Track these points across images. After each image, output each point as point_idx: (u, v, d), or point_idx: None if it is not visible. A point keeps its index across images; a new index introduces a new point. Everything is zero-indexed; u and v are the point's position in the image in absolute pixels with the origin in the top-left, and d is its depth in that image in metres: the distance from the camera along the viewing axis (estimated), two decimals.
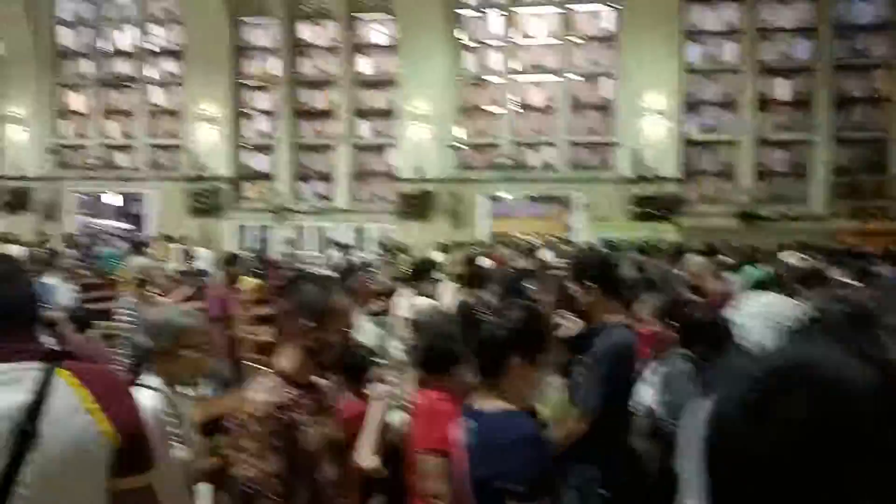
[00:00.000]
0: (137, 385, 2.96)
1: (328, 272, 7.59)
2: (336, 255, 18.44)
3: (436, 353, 3.15)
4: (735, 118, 20.09)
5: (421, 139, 20.65)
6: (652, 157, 19.60)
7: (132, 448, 1.81)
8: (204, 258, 18.80)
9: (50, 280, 7.09)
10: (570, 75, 20.74)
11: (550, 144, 20.90)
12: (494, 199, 21.46)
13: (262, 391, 2.42)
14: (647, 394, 3.88)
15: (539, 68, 21.03)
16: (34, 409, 1.70)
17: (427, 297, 5.73)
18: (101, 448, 1.76)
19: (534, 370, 2.43)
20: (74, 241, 18.67)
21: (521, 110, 21.20)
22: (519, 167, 20.91)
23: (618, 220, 19.58)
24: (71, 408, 1.74)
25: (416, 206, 20.68)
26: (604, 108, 20.76)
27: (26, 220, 22.96)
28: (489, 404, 2.38)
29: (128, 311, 6.69)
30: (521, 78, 21.17)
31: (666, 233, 18.07)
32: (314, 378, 2.60)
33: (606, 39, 20.65)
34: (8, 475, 1.67)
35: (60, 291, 6.98)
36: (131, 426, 1.82)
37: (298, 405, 2.43)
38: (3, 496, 1.66)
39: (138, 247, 16.50)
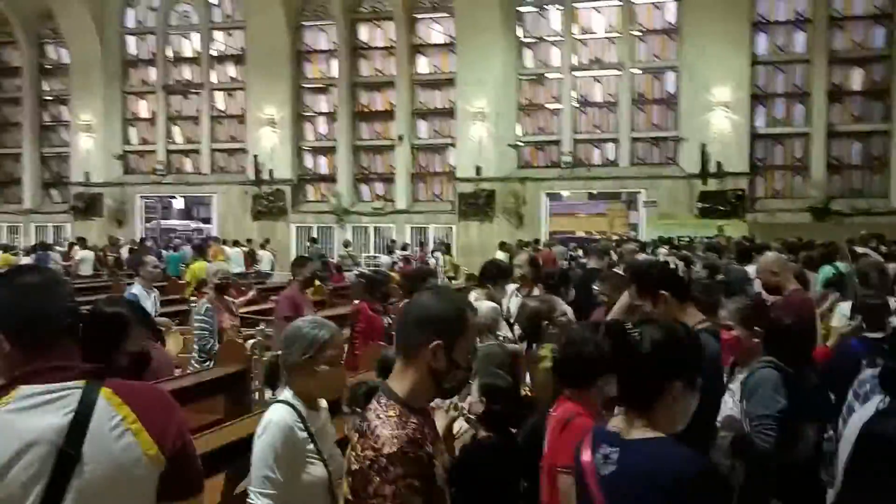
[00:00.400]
0: (272, 400, 2.86)
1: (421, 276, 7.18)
2: (393, 256, 18.43)
3: (583, 363, 2.88)
4: (805, 109, 19.41)
5: (480, 138, 20.49)
6: (718, 151, 19.07)
7: (179, 470, 1.72)
8: (266, 260, 19.06)
9: (134, 289, 7.12)
10: (633, 70, 20.32)
11: (613, 140, 20.52)
12: (555, 197, 21.19)
13: (387, 423, 1.99)
14: (728, 404, 3.65)
15: (600, 63, 20.67)
16: (75, 432, 1.64)
17: (491, 299, 5.52)
18: (145, 470, 1.68)
19: (692, 395, 2.16)
20: (146, 246, 18.96)
21: (582, 106, 20.86)
22: (580, 164, 20.59)
23: (683, 217, 19.11)
24: (113, 428, 1.66)
25: (476, 205, 20.54)
26: (667, 102, 20.30)
27: (96, 225, 23.59)
28: (636, 431, 2.11)
29: (205, 317, 6.62)
30: (581, 74, 20.84)
31: (734, 229, 17.55)
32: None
33: (669, 32, 20.18)
34: (50, 499, 1.61)
35: (146, 300, 7.02)
36: (177, 446, 1.73)
37: (424, 436, 2.04)
38: None
39: (201, 249, 16.72)
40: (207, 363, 6.66)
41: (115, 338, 2.61)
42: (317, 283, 11.51)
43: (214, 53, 23.75)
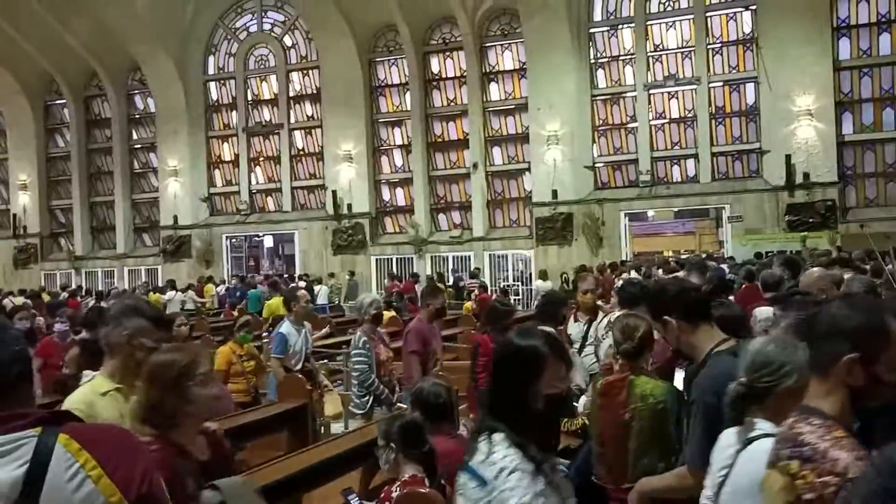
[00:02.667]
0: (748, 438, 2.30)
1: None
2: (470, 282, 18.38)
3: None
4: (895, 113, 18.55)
5: (555, 161, 20.32)
6: (804, 161, 18.38)
7: None
8: (322, 294, 19.27)
9: (283, 328, 7.24)
10: (710, 83, 19.85)
11: (693, 156, 20.03)
12: (638, 217, 20.78)
13: (838, 446, 1.74)
14: None
15: (675, 79, 20.28)
16: (30, 485, 1.55)
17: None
18: None
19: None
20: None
21: (660, 123, 20.48)
22: (659, 182, 20.17)
23: (771, 232, 18.44)
24: (71, 478, 1.57)
25: (554, 229, 20.33)
26: (748, 113, 19.73)
27: (185, 266, 24.37)
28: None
29: (363, 350, 6.36)
30: (656, 91, 20.49)
31: (825, 241, 16.82)
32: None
33: (745, 42, 19.68)
34: None
35: (296, 336, 7.14)
36: (142, 491, 1.64)
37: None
38: None
39: (275, 286, 17.05)
40: (367, 398, 6.24)
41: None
42: (390, 313, 11.50)
43: (292, 94, 24.40)
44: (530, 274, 19.95)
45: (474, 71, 21.85)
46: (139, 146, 26.48)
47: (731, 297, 6.70)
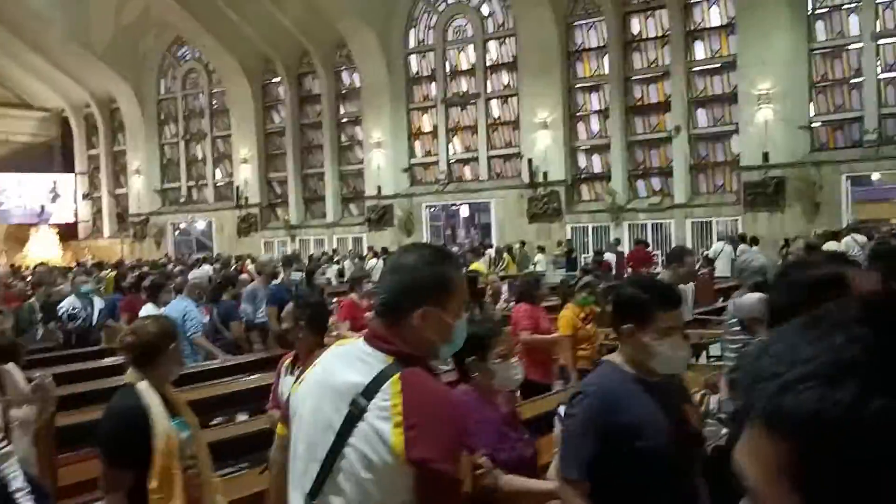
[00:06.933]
0: None
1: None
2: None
3: None
4: None
5: (766, 122, 18.87)
6: None
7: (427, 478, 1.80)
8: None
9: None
10: None
11: None
12: (858, 181, 18.87)
13: None
14: None
15: None
16: (364, 395, 1.83)
17: None
18: (390, 457, 1.79)
19: None
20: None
21: (889, 77, 18.42)
22: (889, 142, 18.15)
23: None
24: (381, 409, 1.81)
25: (765, 194, 18.92)
26: None
27: (387, 234, 25.30)
28: None
29: None
30: (886, 41, 18.40)
31: None
32: None
33: None
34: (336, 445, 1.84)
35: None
36: (424, 457, 1.78)
37: None
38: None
39: (476, 252, 17.21)
40: None
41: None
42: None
43: (489, 63, 24.47)
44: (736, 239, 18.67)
45: (678, 29, 20.75)
46: (346, 120, 27.73)
47: None
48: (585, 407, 2.44)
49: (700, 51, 20.92)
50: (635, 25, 21.90)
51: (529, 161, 22.74)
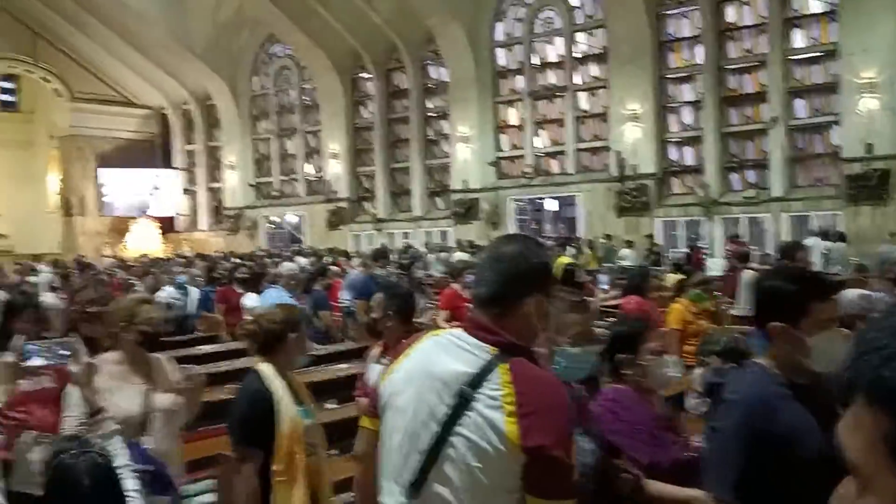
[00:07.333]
0: None
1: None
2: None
3: None
4: None
5: (870, 112, 18.09)
6: None
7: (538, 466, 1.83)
8: (628, 257, 18.87)
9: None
10: None
11: None
12: None
13: None
14: None
15: None
16: (470, 385, 1.86)
17: None
18: (503, 446, 1.82)
19: None
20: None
21: None
22: None
23: None
24: (491, 399, 1.84)
25: (868, 187, 18.15)
26: None
27: (473, 228, 25.37)
28: None
29: None
30: None
31: None
32: None
33: None
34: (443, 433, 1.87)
35: None
36: (540, 443, 1.82)
37: None
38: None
39: (562, 246, 17.10)
40: None
41: None
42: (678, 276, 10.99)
43: (577, 55, 24.22)
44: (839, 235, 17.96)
45: (776, 17, 20.08)
46: (433, 114, 27.91)
47: None
48: (738, 418, 2.24)
49: (798, 39, 20.19)
50: (730, 13, 21.30)
51: (618, 154, 22.42)
